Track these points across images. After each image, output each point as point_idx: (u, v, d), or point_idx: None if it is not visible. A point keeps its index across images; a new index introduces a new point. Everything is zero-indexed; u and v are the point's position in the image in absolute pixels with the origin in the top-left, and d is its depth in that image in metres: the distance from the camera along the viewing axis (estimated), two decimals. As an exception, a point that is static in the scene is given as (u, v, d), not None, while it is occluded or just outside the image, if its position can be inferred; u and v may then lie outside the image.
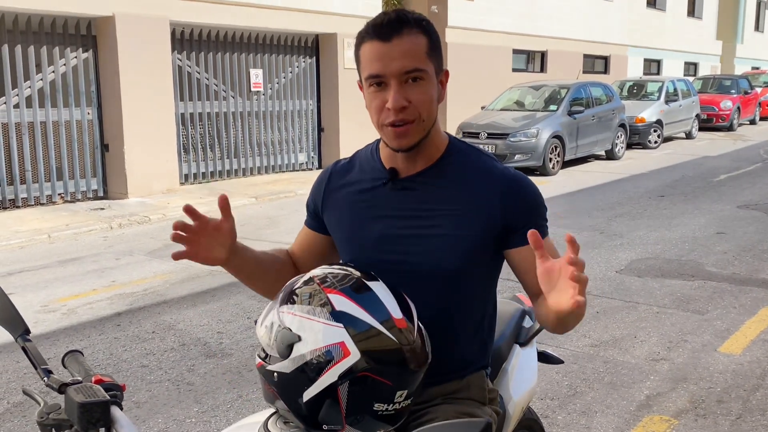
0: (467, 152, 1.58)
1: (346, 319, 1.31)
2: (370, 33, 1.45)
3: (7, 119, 8.62)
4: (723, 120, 19.10)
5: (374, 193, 1.59)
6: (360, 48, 1.48)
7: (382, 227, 1.56)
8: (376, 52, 1.44)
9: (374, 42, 1.44)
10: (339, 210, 1.64)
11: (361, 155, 1.68)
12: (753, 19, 31.12)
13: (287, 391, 1.34)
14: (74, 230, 7.73)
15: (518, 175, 1.56)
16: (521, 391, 1.83)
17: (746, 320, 4.68)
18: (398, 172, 1.56)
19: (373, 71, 1.45)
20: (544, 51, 18.27)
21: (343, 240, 1.64)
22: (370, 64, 1.45)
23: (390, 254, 1.54)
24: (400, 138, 1.48)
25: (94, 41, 9.33)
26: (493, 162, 1.58)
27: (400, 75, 1.43)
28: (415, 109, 1.45)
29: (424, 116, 1.47)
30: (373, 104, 1.48)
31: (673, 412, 3.40)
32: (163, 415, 3.45)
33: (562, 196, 9.63)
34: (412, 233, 1.53)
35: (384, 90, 1.45)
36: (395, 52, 1.42)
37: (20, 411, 3.52)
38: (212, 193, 9.98)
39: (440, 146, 1.57)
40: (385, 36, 1.43)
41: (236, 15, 10.50)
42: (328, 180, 1.69)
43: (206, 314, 4.95)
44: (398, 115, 1.44)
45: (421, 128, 1.48)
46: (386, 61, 1.42)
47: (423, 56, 1.45)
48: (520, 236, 1.49)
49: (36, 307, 5.18)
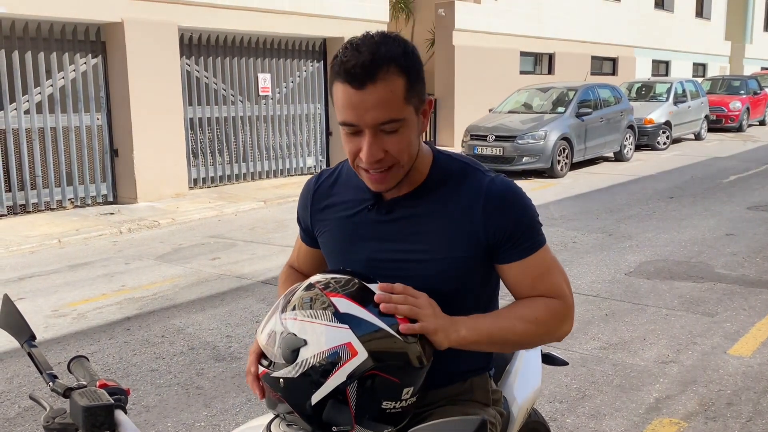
0: (452, 169, 1.52)
1: (351, 321, 1.32)
2: (342, 75, 1.33)
3: (18, 125, 8.68)
4: (732, 121, 19.00)
5: (360, 216, 1.54)
6: (333, 86, 1.37)
7: (370, 251, 1.53)
8: (348, 99, 1.33)
9: (346, 87, 1.33)
10: (326, 230, 1.61)
11: (346, 170, 1.61)
12: (762, 19, 30.94)
13: (294, 396, 1.34)
14: (84, 235, 7.78)
15: (503, 189, 1.47)
16: (525, 393, 1.83)
17: (756, 322, 4.65)
18: (383, 195, 1.52)
19: (347, 119, 1.36)
20: (551, 53, 18.24)
21: (332, 261, 1.62)
22: (343, 110, 1.36)
23: (380, 278, 1.47)
24: (378, 183, 1.43)
25: (103, 47, 9.39)
26: (478, 175, 1.50)
27: (374, 126, 1.35)
28: (392, 157, 1.39)
29: (403, 162, 1.41)
30: (348, 148, 1.41)
31: (682, 415, 3.38)
32: (172, 419, 3.46)
33: (571, 198, 9.60)
34: (401, 257, 1.49)
35: (358, 136, 1.38)
36: (369, 102, 1.32)
37: (31, 415, 3.54)
38: (221, 197, 10.02)
39: (424, 169, 1.50)
40: (358, 83, 1.31)
41: (244, 20, 10.55)
42: (312, 198, 1.65)
43: (215, 318, 4.97)
44: (373, 165, 1.39)
45: (400, 172, 1.43)
46: (360, 112, 1.33)
47: (400, 103, 1.35)
48: (505, 252, 1.46)
49: (46, 312, 5.21)
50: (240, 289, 5.66)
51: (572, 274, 5.77)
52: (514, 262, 1.47)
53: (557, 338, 1.50)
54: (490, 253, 1.48)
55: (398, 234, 1.50)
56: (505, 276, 1.51)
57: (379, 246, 1.52)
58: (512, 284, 1.50)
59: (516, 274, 1.48)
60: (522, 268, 1.47)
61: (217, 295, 5.54)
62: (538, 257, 1.47)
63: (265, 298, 5.41)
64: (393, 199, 1.51)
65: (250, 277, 6.04)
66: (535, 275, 1.48)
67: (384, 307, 1.33)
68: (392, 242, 1.51)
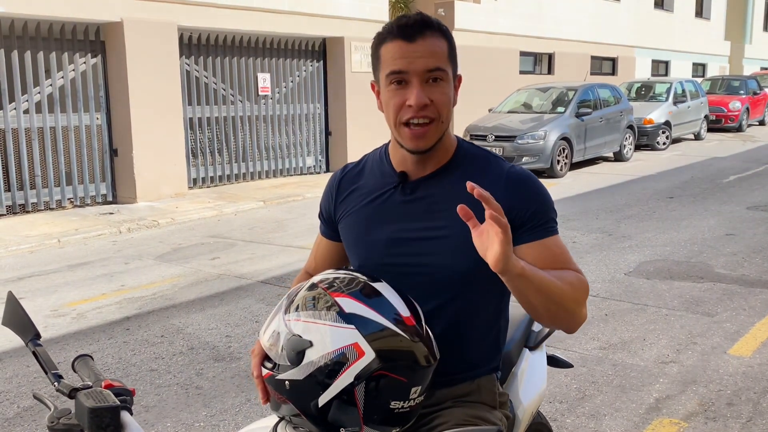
0: (475, 154, 1.60)
1: (357, 321, 1.31)
2: (394, 32, 1.47)
3: (17, 125, 8.68)
4: (732, 121, 19.00)
5: (384, 196, 1.59)
6: (380, 47, 1.50)
7: (392, 231, 1.56)
8: (399, 50, 1.46)
9: (398, 41, 1.46)
10: (349, 215, 1.65)
11: (371, 159, 1.69)
12: (761, 19, 30.94)
13: (301, 398, 1.33)
14: (84, 235, 7.77)
15: (523, 173, 1.55)
16: (531, 396, 1.83)
17: (756, 322, 4.66)
18: (408, 176, 1.58)
19: (396, 68, 1.46)
20: (551, 53, 18.24)
21: (353, 244, 1.64)
22: (393, 61, 1.47)
23: (400, 257, 1.54)
24: (418, 139, 1.49)
25: (102, 47, 9.38)
26: (500, 162, 1.58)
27: (423, 73, 1.45)
28: (435, 109, 1.47)
29: (443, 117, 1.49)
30: (392, 102, 1.48)
31: (682, 415, 3.38)
32: (171, 419, 3.46)
33: (570, 198, 9.61)
34: (422, 236, 1.54)
35: (404, 88, 1.47)
36: (419, 51, 1.45)
37: (30, 415, 3.54)
38: (221, 196, 10.01)
39: (449, 149, 1.58)
40: (410, 36, 1.45)
41: (243, 19, 10.54)
42: (338, 186, 1.70)
43: (215, 318, 4.97)
44: (419, 113, 1.46)
45: (439, 129, 1.50)
46: (410, 59, 1.45)
47: (444, 57, 1.49)
48: (523, 234, 1.49)
49: (46, 312, 5.20)
50: (239, 289, 5.65)
51: (572, 274, 5.76)
52: (532, 242, 1.49)
53: (578, 319, 1.47)
54: None
55: (420, 213, 1.55)
56: (523, 257, 1.49)
57: (400, 226, 1.56)
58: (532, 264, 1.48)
59: (533, 254, 1.48)
60: (541, 249, 1.49)
61: (217, 295, 5.53)
62: (554, 240, 1.51)
63: (265, 298, 5.41)
64: (417, 179, 1.57)
65: (250, 276, 6.04)
66: (552, 255, 1.50)
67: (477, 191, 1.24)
68: (414, 221, 1.55)
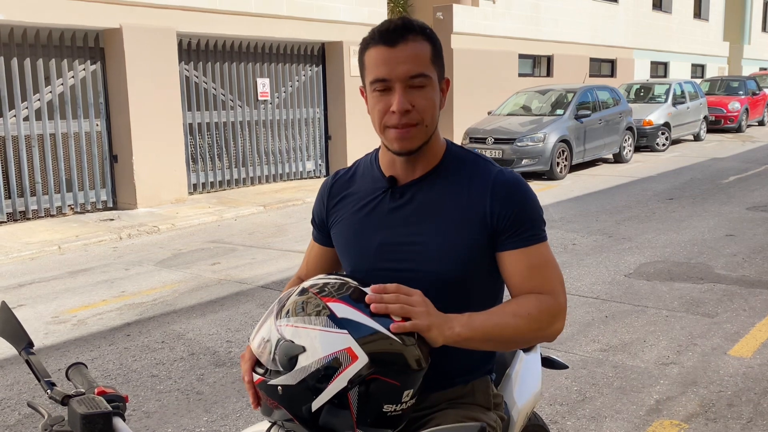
0: (464, 157, 1.60)
1: (349, 325, 1.31)
2: (376, 38, 1.48)
3: (17, 132, 8.68)
4: (731, 122, 19.00)
5: (375, 202, 1.60)
6: (365, 53, 1.51)
7: (382, 236, 1.57)
8: (381, 56, 1.46)
9: (380, 47, 1.47)
10: (341, 221, 1.65)
11: (362, 164, 1.70)
12: (760, 19, 30.98)
13: (294, 403, 1.33)
14: (84, 241, 7.78)
15: (511, 178, 1.54)
16: (525, 397, 1.83)
17: (756, 323, 4.65)
18: (397, 180, 1.58)
19: (378, 75, 1.47)
20: (550, 55, 18.25)
21: (345, 249, 1.64)
22: (375, 68, 1.47)
23: (390, 262, 1.54)
24: (403, 140, 1.49)
25: (101, 53, 9.40)
26: (489, 166, 1.57)
27: (405, 79, 1.45)
28: (418, 114, 1.47)
29: (427, 121, 1.49)
30: (377, 108, 1.50)
31: (683, 417, 3.38)
32: (172, 425, 3.46)
33: (570, 200, 9.61)
34: (410, 240, 1.54)
35: (388, 94, 1.47)
36: (401, 56, 1.45)
37: (31, 422, 3.54)
38: (221, 202, 10.02)
39: (438, 153, 1.58)
40: (391, 41, 1.46)
41: (242, 25, 10.56)
42: (329, 192, 1.70)
43: (215, 323, 4.97)
44: (402, 119, 1.46)
45: (424, 133, 1.50)
46: (392, 65, 1.45)
47: (427, 62, 1.48)
48: (506, 239, 1.50)
49: (46, 318, 5.21)
50: (240, 294, 5.66)
51: (572, 276, 5.77)
52: (513, 250, 1.50)
53: (549, 336, 1.51)
54: (493, 239, 1.51)
55: (410, 217, 1.55)
56: (502, 264, 1.53)
57: (391, 231, 1.56)
58: (508, 274, 1.52)
59: (513, 262, 1.50)
60: (520, 258, 1.50)
61: (217, 300, 5.54)
62: (536, 250, 1.50)
63: (265, 302, 5.41)
64: (406, 183, 1.57)
65: (250, 281, 6.04)
66: (531, 266, 1.49)
67: (375, 307, 1.34)
68: (404, 226, 1.55)
